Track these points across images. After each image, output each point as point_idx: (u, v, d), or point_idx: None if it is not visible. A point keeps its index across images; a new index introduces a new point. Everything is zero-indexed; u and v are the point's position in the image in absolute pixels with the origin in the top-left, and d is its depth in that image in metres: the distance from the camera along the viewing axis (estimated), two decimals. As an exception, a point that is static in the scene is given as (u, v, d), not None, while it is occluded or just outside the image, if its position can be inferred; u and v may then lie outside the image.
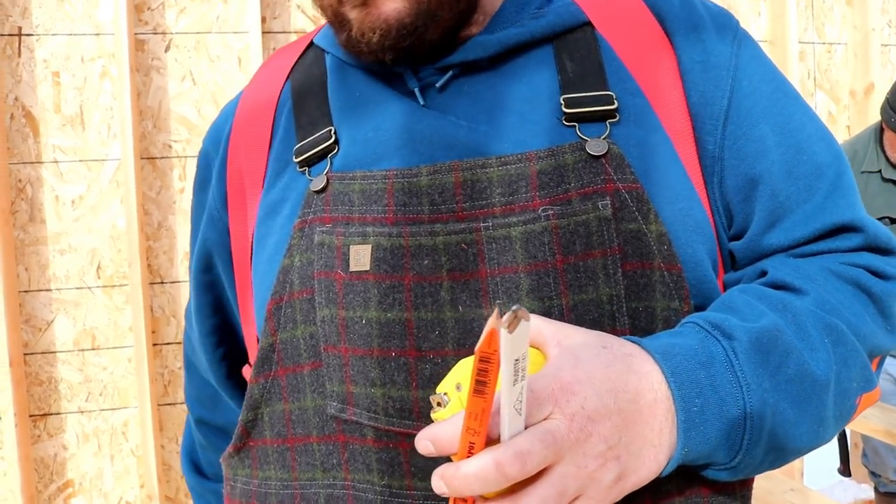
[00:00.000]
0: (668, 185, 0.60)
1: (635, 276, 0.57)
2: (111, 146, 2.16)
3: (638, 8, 0.66)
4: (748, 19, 2.68)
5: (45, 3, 2.13)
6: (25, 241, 2.13)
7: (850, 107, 2.76)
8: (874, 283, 0.61)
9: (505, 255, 0.57)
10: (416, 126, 0.63)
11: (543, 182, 0.58)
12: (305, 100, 0.70)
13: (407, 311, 0.58)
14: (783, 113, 0.64)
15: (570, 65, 0.63)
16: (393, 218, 0.60)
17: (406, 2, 0.60)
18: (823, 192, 0.63)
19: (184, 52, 2.21)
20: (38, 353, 2.15)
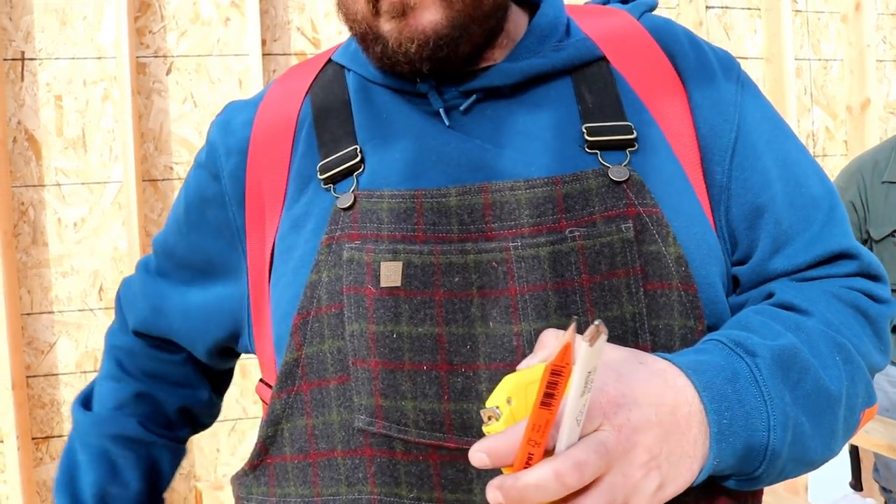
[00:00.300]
0: (684, 211, 0.64)
1: (656, 295, 0.60)
2: (113, 168, 2.18)
3: (650, 46, 0.70)
4: (744, 37, 2.70)
5: (48, 27, 2.15)
6: (28, 264, 2.14)
7: (847, 122, 2.78)
8: (870, 306, 0.66)
9: (533, 273, 0.60)
10: (444, 148, 0.66)
11: (569, 205, 0.62)
12: (327, 117, 0.72)
13: (438, 327, 0.60)
14: (782, 148, 0.70)
15: (589, 96, 0.67)
16: (423, 236, 0.62)
17: (442, 15, 0.63)
18: (821, 222, 0.67)
19: (185, 74, 2.23)
20: (41, 376, 2.16)
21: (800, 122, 2.72)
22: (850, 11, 2.74)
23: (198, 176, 0.79)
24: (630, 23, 0.73)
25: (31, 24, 2.14)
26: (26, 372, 2.14)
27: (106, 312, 2.18)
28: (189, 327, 0.81)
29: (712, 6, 2.66)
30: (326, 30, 2.34)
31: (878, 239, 2.04)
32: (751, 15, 2.71)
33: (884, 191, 2.04)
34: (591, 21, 0.74)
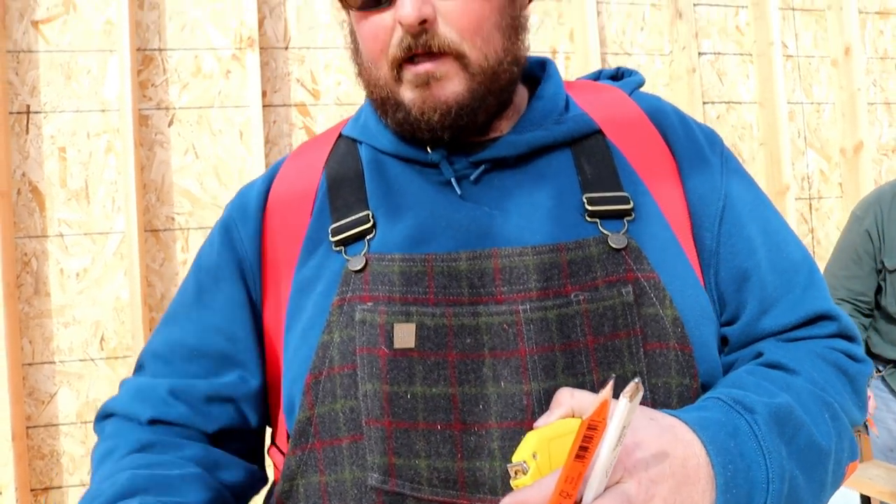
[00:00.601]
0: (678, 276, 0.68)
1: (655, 355, 0.64)
2: (115, 219, 2.21)
3: (642, 121, 0.76)
4: (737, 82, 2.74)
5: (53, 81, 2.19)
6: (30, 315, 2.16)
7: (842, 164, 2.81)
8: (850, 366, 0.70)
9: (542, 335, 0.63)
10: (454, 215, 0.70)
11: (574, 271, 0.66)
12: (341, 186, 0.75)
13: (452, 387, 0.63)
14: (763, 217, 0.76)
15: (588, 167, 0.72)
16: (434, 299, 0.65)
17: (464, 87, 0.68)
18: (802, 286, 0.73)
19: (186, 126, 2.27)
20: (41, 426, 2.16)
21: (794, 164, 2.75)
22: (840, 56, 2.79)
23: (212, 253, 0.80)
24: (623, 99, 0.79)
25: (37, 78, 2.18)
26: (26, 422, 2.14)
27: (107, 362, 2.19)
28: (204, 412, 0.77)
29: (705, 52, 2.71)
30: (325, 81, 2.38)
31: (893, 269, 2.04)
32: (743, 60, 2.76)
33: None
34: (586, 96, 0.79)
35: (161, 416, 0.74)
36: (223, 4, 2.31)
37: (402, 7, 0.65)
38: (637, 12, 2.67)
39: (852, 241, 2.12)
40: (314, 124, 2.37)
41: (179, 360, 0.77)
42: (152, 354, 0.79)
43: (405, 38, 0.66)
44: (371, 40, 0.69)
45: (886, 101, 2.90)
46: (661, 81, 2.68)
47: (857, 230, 2.11)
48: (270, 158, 2.31)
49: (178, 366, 0.76)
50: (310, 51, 2.38)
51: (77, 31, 2.21)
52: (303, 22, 2.38)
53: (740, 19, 2.76)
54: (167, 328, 0.80)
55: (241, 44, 2.30)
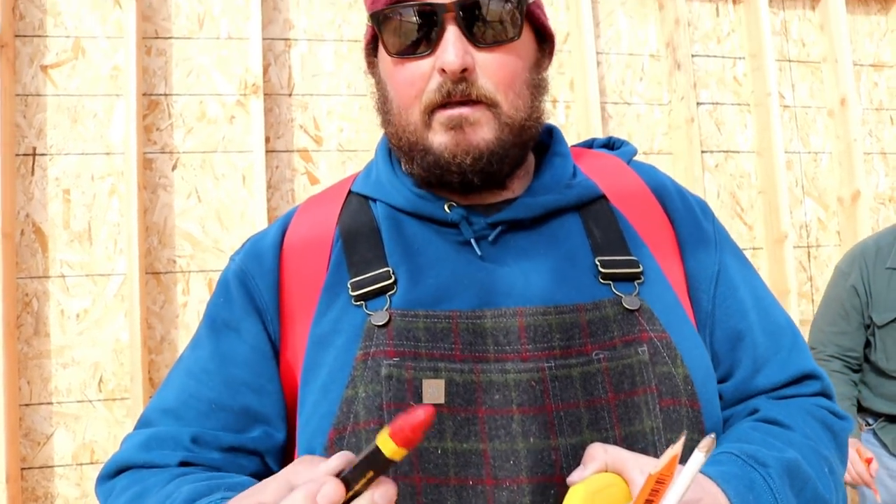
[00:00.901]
0: (686, 336, 0.72)
1: (669, 411, 0.67)
2: (117, 261, 2.22)
3: (642, 188, 0.81)
4: (735, 131, 2.78)
5: (59, 124, 2.22)
6: (29, 355, 2.16)
7: (839, 213, 2.83)
8: (834, 422, 0.76)
9: (567, 391, 0.66)
10: (476, 274, 0.72)
11: (593, 330, 0.69)
12: (356, 241, 0.77)
13: (482, 443, 0.64)
14: (751, 282, 0.82)
15: (597, 231, 0.76)
16: (461, 355, 0.67)
17: (494, 135, 0.72)
18: (788, 347, 0.79)
19: (190, 170, 2.30)
20: (36, 468, 2.15)
21: (793, 213, 2.77)
22: (836, 107, 2.83)
23: (229, 305, 0.79)
24: (622, 167, 0.84)
25: (44, 121, 2.22)
26: (21, 464, 2.13)
27: (105, 404, 2.19)
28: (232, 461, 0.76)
29: (703, 102, 2.75)
30: (328, 127, 2.42)
31: (882, 325, 2.05)
32: (741, 110, 2.79)
33: (886, 276, 2.07)
34: (589, 163, 0.84)
35: (192, 461, 0.72)
36: (229, 52, 2.35)
37: (445, 54, 0.69)
38: (636, 63, 2.72)
39: (839, 297, 2.13)
40: (316, 170, 2.39)
41: (196, 416, 0.74)
42: (161, 411, 0.76)
43: (445, 85, 0.70)
44: (407, 86, 0.73)
45: (882, 151, 2.93)
46: (660, 130, 2.71)
47: (842, 285, 2.13)
48: (272, 203, 2.34)
49: (193, 421, 0.74)
50: (313, 97, 2.41)
51: (85, 76, 2.25)
52: (307, 69, 2.42)
53: (738, 70, 2.81)
54: (178, 382, 0.78)
55: (245, 90, 2.34)
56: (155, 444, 0.73)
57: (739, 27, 2.83)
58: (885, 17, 3.01)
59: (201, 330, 0.81)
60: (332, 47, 2.45)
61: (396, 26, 0.71)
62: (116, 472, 0.74)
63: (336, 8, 2.48)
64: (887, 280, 2.07)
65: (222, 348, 0.77)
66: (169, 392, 0.77)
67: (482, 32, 0.70)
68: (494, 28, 0.70)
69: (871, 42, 2.98)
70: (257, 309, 0.78)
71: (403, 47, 0.72)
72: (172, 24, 2.33)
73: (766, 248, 2.74)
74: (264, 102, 2.31)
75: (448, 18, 0.69)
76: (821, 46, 2.89)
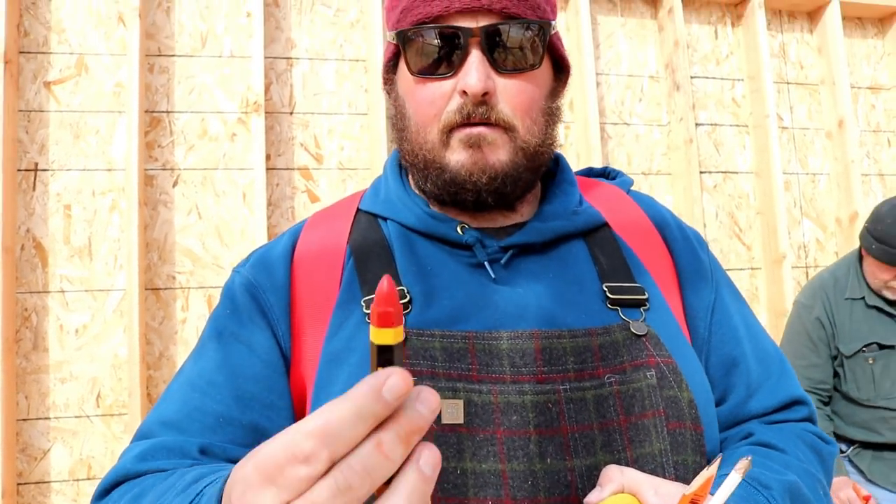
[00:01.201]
0: (689, 361, 0.74)
1: (675, 434, 0.68)
2: (117, 276, 2.23)
3: (641, 217, 0.84)
4: (734, 152, 2.79)
5: (62, 140, 2.24)
6: (27, 370, 2.17)
7: (837, 234, 2.84)
8: (822, 447, 0.78)
9: (581, 414, 0.67)
10: (491, 296, 0.74)
11: (604, 354, 0.70)
12: (368, 259, 0.77)
13: (501, 463, 0.65)
14: (742, 311, 0.85)
15: (603, 258, 0.78)
16: (478, 376, 0.68)
17: (509, 157, 0.74)
18: (777, 374, 0.82)
19: (191, 187, 2.31)
20: (32, 483, 2.15)
21: (791, 233, 2.78)
22: (834, 128, 2.84)
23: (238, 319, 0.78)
24: (623, 196, 0.87)
25: (46, 137, 2.23)
26: (18, 479, 2.13)
27: (102, 419, 2.19)
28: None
29: (702, 123, 2.76)
30: (329, 146, 2.43)
31: (849, 355, 2.08)
32: (739, 132, 2.81)
33: (847, 307, 2.11)
34: (591, 191, 0.86)
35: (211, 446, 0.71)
36: (231, 70, 2.37)
37: (468, 77, 0.71)
38: (636, 84, 2.74)
39: (804, 330, 2.14)
40: (317, 188, 2.41)
41: (200, 429, 0.72)
42: (162, 423, 0.73)
43: (466, 106, 0.72)
44: (427, 104, 0.74)
45: (880, 173, 2.95)
46: (659, 151, 2.73)
47: (807, 318, 2.14)
48: (272, 220, 2.35)
49: (196, 434, 0.71)
50: (314, 116, 2.43)
51: (88, 93, 2.27)
52: (308, 88, 2.44)
53: (736, 92, 2.83)
54: (181, 395, 0.74)
55: (247, 108, 2.35)
56: (161, 454, 0.70)
57: (738, 49, 2.85)
58: (881, 40, 3.03)
59: (205, 341, 0.78)
60: (333, 66, 2.47)
61: (420, 47, 0.73)
62: (114, 486, 0.70)
63: (338, 28, 2.50)
64: (849, 311, 2.11)
65: (231, 361, 0.75)
66: (170, 404, 0.74)
67: (504, 59, 0.72)
68: (516, 55, 0.73)
69: (868, 65, 3.00)
70: (269, 323, 0.77)
71: (426, 67, 0.74)
72: (175, 42, 2.35)
73: (765, 269, 2.75)
74: (265, 120, 2.33)
75: (473, 43, 0.71)
76: (819, 69, 2.92)
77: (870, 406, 2.06)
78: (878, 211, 2.07)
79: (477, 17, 0.72)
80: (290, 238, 0.83)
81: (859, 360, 2.07)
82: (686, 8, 2.78)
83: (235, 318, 0.78)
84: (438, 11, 0.72)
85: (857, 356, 2.07)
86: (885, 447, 2.07)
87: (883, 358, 2.06)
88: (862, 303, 2.11)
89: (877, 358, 2.06)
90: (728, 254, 2.74)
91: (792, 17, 2.95)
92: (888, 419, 2.04)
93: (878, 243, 2.01)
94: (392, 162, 0.87)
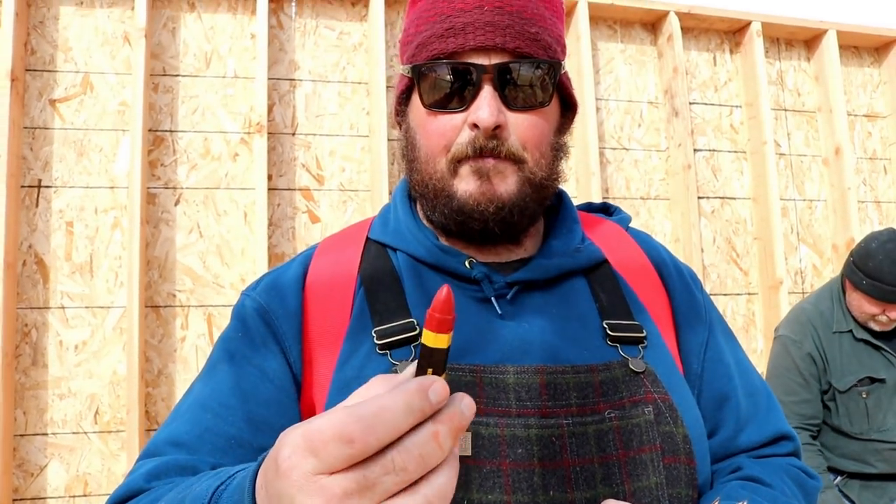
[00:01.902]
0: (684, 398, 0.77)
1: (670, 468, 0.71)
2: (117, 294, 2.24)
3: (639, 255, 0.87)
4: (731, 178, 2.82)
5: (65, 157, 2.26)
6: (26, 385, 2.17)
7: (834, 260, 2.86)
8: (806, 481, 0.82)
9: (583, 448, 0.69)
10: (499, 330, 0.75)
11: (604, 390, 0.72)
12: (378, 289, 0.79)
13: (507, 495, 0.67)
14: (732, 347, 0.88)
15: (603, 295, 0.80)
16: (485, 409, 0.70)
17: (517, 188, 0.76)
18: (765, 409, 0.85)
19: (192, 205, 2.33)
20: (28, 500, 2.15)
21: (788, 259, 2.80)
22: (831, 156, 2.87)
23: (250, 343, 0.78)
24: (622, 233, 0.89)
25: (50, 154, 2.25)
26: (13, 495, 2.13)
27: (100, 436, 2.20)
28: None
29: (700, 149, 2.79)
30: (330, 167, 2.46)
31: (843, 390, 2.08)
32: (737, 158, 2.83)
33: (836, 341, 2.11)
34: (592, 228, 0.89)
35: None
36: (235, 90, 2.40)
37: (480, 111, 0.73)
38: (635, 109, 2.77)
39: (794, 366, 2.12)
40: (317, 209, 2.43)
41: (211, 450, 0.71)
42: (171, 443, 0.72)
43: (477, 139, 0.74)
44: (438, 136, 0.77)
45: (876, 200, 2.97)
46: (657, 177, 2.75)
47: (797, 354, 2.12)
48: (273, 240, 2.37)
49: (206, 455, 0.70)
50: (316, 137, 2.45)
51: (92, 111, 2.29)
52: (310, 110, 2.46)
53: (734, 118, 2.85)
54: (192, 416, 0.74)
55: (249, 128, 2.38)
56: (173, 472, 0.69)
57: (736, 76, 2.88)
58: (878, 69, 3.07)
59: (217, 364, 0.78)
60: (335, 88, 2.50)
61: (434, 81, 0.76)
62: (123, 501, 0.69)
63: (340, 51, 2.53)
64: (838, 345, 2.11)
65: (244, 385, 0.76)
66: (181, 425, 0.73)
67: (514, 96, 0.75)
68: (526, 93, 0.75)
69: (864, 93, 3.03)
70: (281, 349, 0.78)
71: (439, 101, 0.76)
72: (180, 63, 2.38)
73: (762, 294, 2.76)
74: (268, 141, 2.35)
75: (486, 79, 0.74)
76: (816, 96, 2.95)
77: (862, 439, 2.07)
78: (868, 247, 2.07)
79: (490, 55, 0.74)
80: (301, 264, 0.84)
81: (853, 395, 2.08)
82: (685, 35, 2.81)
83: (247, 341, 0.79)
84: (453, 48, 0.74)
85: (851, 391, 2.08)
86: (874, 477, 2.08)
87: (875, 391, 2.07)
88: (850, 336, 2.12)
89: (869, 392, 2.07)
90: (725, 279, 2.76)
91: (790, 45, 2.98)
92: (881, 451, 2.05)
93: (868, 279, 2.02)
94: (401, 191, 0.89)
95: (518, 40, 0.74)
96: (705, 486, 0.75)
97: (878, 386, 2.07)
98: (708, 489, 0.76)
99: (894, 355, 2.10)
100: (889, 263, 1.99)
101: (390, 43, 2.54)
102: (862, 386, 2.08)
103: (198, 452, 0.71)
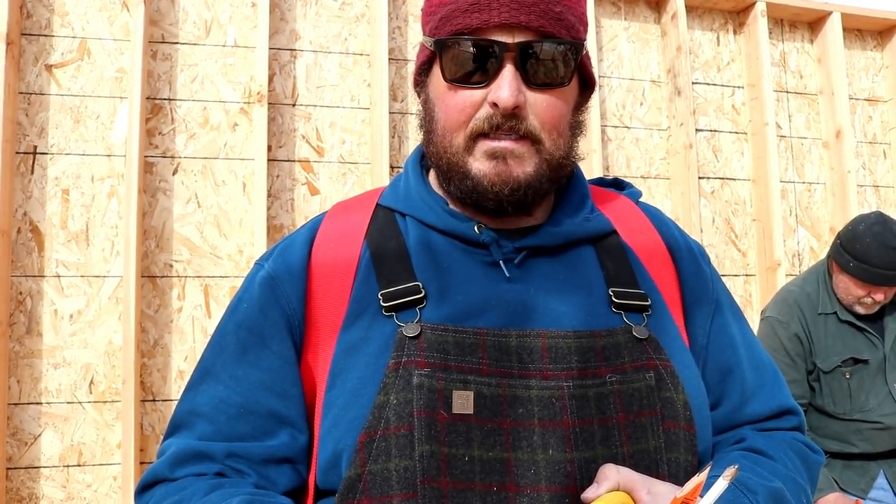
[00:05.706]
0: (686, 365, 0.79)
1: (669, 433, 0.73)
2: (113, 263, 2.22)
3: (648, 226, 0.88)
4: (732, 158, 2.81)
5: (61, 124, 2.23)
6: (20, 354, 2.15)
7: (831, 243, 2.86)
8: (809, 456, 0.84)
9: (583, 410, 0.72)
10: (504, 294, 0.77)
11: (607, 355, 0.75)
12: (385, 254, 0.81)
13: (507, 452, 0.70)
14: (739, 321, 0.90)
15: (610, 264, 0.82)
16: (487, 370, 0.72)
17: (534, 169, 0.76)
18: (770, 383, 0.87)
19: (190, 175, 2.30)
20: (22, 468, 2.14)
21: (786, 241, 2.81)
22: (832, 139, 2.87)
23: (256, 310, 0.82)
24: (632, 206, 0.91)
25: (46, 120, 2.22)
26: (7, 464, 2.12)
27: (94, 406, 2.18)
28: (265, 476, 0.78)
29: (702, 129, 2.78)
30: (330, 139, 2.43)
31: (827, 370, 2.12)
32: (738, 138, 2.83)
33: (822, 322, 2.15)
34: (603, 201, 0.90)
35: (226, 473, 0.76)
36: (235, 59, 2.37)
37: (501, 91, 0.73)
38: (637, 88, 2.75)
39: (781, 346, 2.15)
40: (317, 180, 2.40)
41: (226, 419, 0.78)
42: (192, 413, 0.80)
43: (495, 117, 0.74)
44: (457, 111, 0.77)
45: (875, 184, 2.98)
46: (658, 156, 2.74)
47: (784, 334, 2.15)
48: (272, 212, 2.35)
49: (223, 425, 0.78)
50: (316, 108, 2.43)
51: (90, 77, 2.26)
52: (311, 80, 2.44)
53: (736, 99, 2.84)
54: (206, 386, 0.80)
55: (249, 98, 2.35)
56: (191, 461, 0.76)
57: (739, 57, 2.87)
58: (880, 52, 3.06)
59: (226, 333, 0.83)
60: (337, 60, 2.47)
61: (456, 55, 0.76)
62: (152, 484, 0.78)
63: (343, 21, 2.50)
64: (823, 326, 2.14)
65: (247, 353, 0.80)
66: (198, 396, 0.80)
67: (535, 74, 0.75)
68: (547, 71, 0.75)
69: (866, 77, 3.03)
70: (284, 314, 0.80)
71: (460, 75, 0.76)
72: (179, 30, 2.35)
73: (759, 275, 2.77)
74: (267, 111, 2.32)
75: (508, 57, 0.74)
76: (818, 79, 2.94)
77: (845, 419, 2.11)
78: (855, 230, 2.10)
79: (513, 33, 0.74)
80: (309, 231, 0.86)
81: (837, 376, 2.11)
82: (689, 14, 2.80)
83: (253, 310, 0.82)
84: (477, 24, 0.74)
85: (835, 372, 2.12)
86: (855, 457, 2.11)
87: (858, 372, 2.11)
88: (834, 318, 2.14)
89: (853, 372, 2.11)
90: (723, 260, 2.76)
91: (793, 26, 2.97)
92: (862, 430, 2.09)
93: (856, 261, 2.04)
94: (414, 160, 0.90)
95: (542, 19, 0.74)
96: (706, 454, 0.77)
97: (860, 367, 2.11)
98: (709, 457, 0.78)
99: (877, 337, 2.14)
100: (876, 246, 2.02)
101: (392, 15, 2.51)
102: (845, 367, 2.11)
103: (216, 422, 0.78)
